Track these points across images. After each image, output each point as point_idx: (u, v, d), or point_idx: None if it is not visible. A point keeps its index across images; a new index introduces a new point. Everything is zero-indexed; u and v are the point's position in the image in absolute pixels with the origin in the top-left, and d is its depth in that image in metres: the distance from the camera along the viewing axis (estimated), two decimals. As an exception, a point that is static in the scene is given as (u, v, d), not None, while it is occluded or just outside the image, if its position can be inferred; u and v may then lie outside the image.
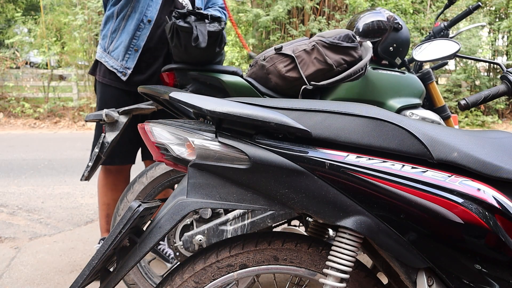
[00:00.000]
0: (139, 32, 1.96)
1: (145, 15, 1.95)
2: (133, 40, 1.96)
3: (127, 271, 0.90)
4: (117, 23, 1.99)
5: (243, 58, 9.32)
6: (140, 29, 1.96)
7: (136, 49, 1.96)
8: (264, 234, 0.99)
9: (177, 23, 1.56)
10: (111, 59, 2.00)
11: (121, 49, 1.97)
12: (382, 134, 0.89)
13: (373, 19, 1.86)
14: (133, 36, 1.96)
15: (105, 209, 2.18)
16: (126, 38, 1.96)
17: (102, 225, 2.20)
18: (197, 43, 1.55)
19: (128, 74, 1.97)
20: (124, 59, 1.97)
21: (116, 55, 1.99)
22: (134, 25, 1.95)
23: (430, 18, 8.85)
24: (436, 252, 0.88)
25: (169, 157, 0.95)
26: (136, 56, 1.96)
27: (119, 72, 1.98)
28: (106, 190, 2.16)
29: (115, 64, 1.99)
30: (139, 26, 1.95)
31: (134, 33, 1.95)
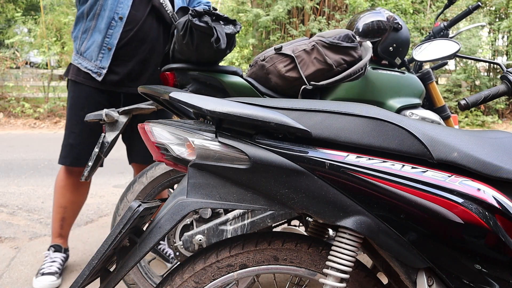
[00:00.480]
0: (111, 30, 1.90)
1: (116, 13, 1.90)
2: (106, 38, 1.91)
3: (127, 271, 0.90)
4: (88, 23, 1.94)
5: (243, 58, 9.32)
6: (112, 27, 1.90)
7: (109, 47, 1.91)
8: (264, 234, 0.99)
9: (193, 21, 1.55)
10: (84, 60, 1.95)
11: (94, 49, 1.92)
12: (382, 134, 0.89)
13: (373, 19, 1.86)
14: (105, 34, 1.91)
15: (61, 212, 2.10)
16: (98, 37, 1.91)
17: (55, 229, 2.13)
18: (218, 44, 1.54)
19: (103, 74, 1.93)
20: (98, 59, 1.92)
21: (89, 55, 1.94)
22: (105, 23, 1.90)
23: (430, 18, 8.86)
24: (436, 252, 0.88)
25: (169, 157, 0.95)
26: (110, 54, 1.91)
27: (93, 72, 1.93)
28: (64, 191, 2.08)
29: (89, 65, 1.94)
30: (110, 24, 1.90)
31: (106, 31, 1.90)
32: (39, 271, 2.04)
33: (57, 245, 2.14)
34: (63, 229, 2.14)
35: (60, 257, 2.10)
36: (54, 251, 2.12)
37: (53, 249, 2.12)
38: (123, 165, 3.33)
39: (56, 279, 2.03)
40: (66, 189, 2.07)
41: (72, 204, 2.11)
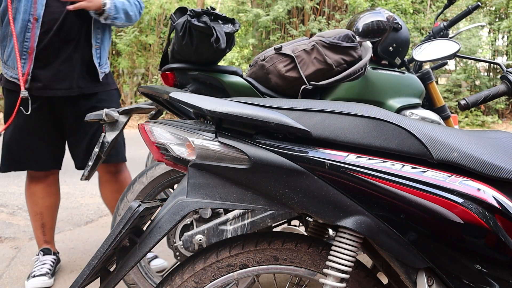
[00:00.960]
0: (28, 33, 1.81)
1: (31, 14, 1.80)
2: (24, 42, 1.82)
3: (127, 271, 0.90)
4: (4, 28, 1.84)
5: (243, 58, 9.32)
6: (28, 29, 1.81)
7: (29, 51, 1.82)
8: (264, 234, 0.99)
9: (192, 21, 1.54)
10: (9, 69, 1.86)
11: (13, 55, 1.82)
12: (382, 134, 0.89)
13: (372, 19, 1.86)
14: (23, 38, 1.81)
15: (39, 219, 2.05)
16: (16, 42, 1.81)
17: (38, 237, 2.08)
18: (218, 44, 1.53)
19: (28, 80, 1.83)
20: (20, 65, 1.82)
21: (11, 63, 1.84)
22: (21, 27, 1.81)
23: (430, 18, 8.86)
24: (436, 252, 0.88)
25: (169, 157, 0.95)
26: (31, 58, 1.82)
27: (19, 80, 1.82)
28: (36, 199, 2.02)
29: (13, 73, 1.85)
30: (27, 27, 1.81)
31: (24, 35, 1.81)
32: (30, 275, 2.00)
33: (46, 248, 2.11)
34: (46, 235, 2.09)
35: (50, 259, 2.07)
36: (43, 255, 2.09)
37: (42, 253, 2.09)
38: (123, 165, 3.34)
39: (48, 279, 2.00)
40: (36, 196, 2.02)
41: (47, 208, 2.05)
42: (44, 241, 2.07)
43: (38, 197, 2.02)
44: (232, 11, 9.98)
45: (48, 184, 2.05)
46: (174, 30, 1.60)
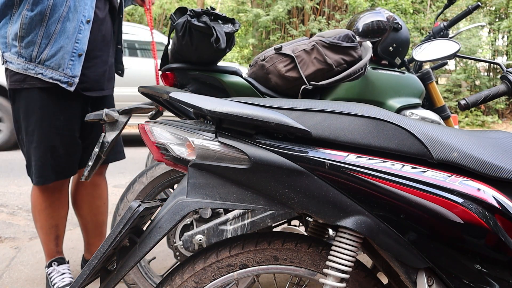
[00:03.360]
0: (80, 35, 1.74)
1: (83, 15, 1.74)
2: (75, 44, 1.73)
3: (127, 271, 0.90)
4: (50, 26, 1.70)
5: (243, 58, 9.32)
6: (80, 31, 1.74)
7: (80, 53, 1.75)
8: (264, 234, 0.99)
9: (192, 21, 1.53)
10: (48, 69, 1.71)
11: (62, 56, 1.71)
12: (382, 134, 0.89)
13: (372, 19, 1.86)
14: (74, 40, 1.73)
15: (54, 231, 1.92)
16: (66, 43, 1.71)
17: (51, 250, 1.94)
18: (218, 44, 1.52)
19: (75, 83, 1.74)
20: (67, 66, 1.72)
21: (56, 63, 1.71)
22: (73, 27, 1.72)
23: (430, 18, 8.86)
24: (436, 252, 0.88)
25: (169, 157, 0.95)
26: (80, 61, 1.75)
27: (62, 82, 1.72)
28: (51, 211, 1.88)
29: (56, 74, 1.72)
30: (79, 28, 1.74)
31: (75, 35, 1.73)
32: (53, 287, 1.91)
33: (60, 258, 1.99)
34: (59, 245, 1.98)
35: (66, 268, 1.98)
36: (58, 265, 1.97)
37: (56, 263, 1.97)
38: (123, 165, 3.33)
39: None
40: (52, 208, 1.88)
41: (62, 219, 1.94)
42: (56, 252, 1.96)
43: (54, 209, 1.89)
44: (232, 11, 9.99)
45: (65, 193, 1.93)
46: (174, 30, 1.60)
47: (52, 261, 1.95)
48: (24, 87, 1.74)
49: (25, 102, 1.76)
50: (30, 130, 1.77)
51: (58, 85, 1.72)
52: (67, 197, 1.94)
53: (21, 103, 1.77)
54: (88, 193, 2.04)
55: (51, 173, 1.79)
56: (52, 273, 1.94)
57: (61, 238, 1.97)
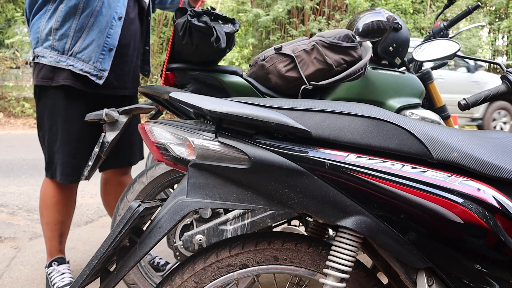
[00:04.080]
0: (111, 30, 1.77)
1: (116, 11, 1.77)
2: (107, 38, 1.77)
3: (127, 271, 0.90)
4: (84, 19, 1.73)
5: (243, 58, 9.33)
6: (112, 26, 1.77)
7: (110, 48, 1.78)
8: (264, 234, 0.99)
9: (192, 21, 1.53)
10: (79, 61, 1.74)
11: (93, 49, 1.74)
12: (382, 134, 0.89)
13: (372, 19, 1.86)
14: (106, 34, 1.76)
15: (59, 228, 1.93)
16: (99, 36, 1.74)
17: (54, 247, 1.95)
18: (218, 44, 1.52)
19: (105, 76, 1.77)
20: (98, 60, 1.75)
21: (87, 56, 1.74)
22: (106, 22, 1.75)
23: (430, 18, 8.86)
24: (436, 252, 0.88)
25: (169, 157, 0.95)
26: (111, 56, 1.78)
27: (92, 75, 1.75)
28: (59, 207, 1.90)
29: (86, 67, 1.74)
30: (111, 23, 1.77)
31: (107, 31, 1.76)
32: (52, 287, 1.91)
33: (60, 257, 2.00)
34: (62, 243, 1.99)
35: (66, 267, 1.98)
36: (58, 264, 1.97)
37: (56, 263, 1.97)
38: (123, 165, 3.34)
39: None
40: (60, 204, 1.91)
41: (69, 216, 1.97)
42: (59, 251, 1.96)
43: (63, 205, 1.91)
44: (232, 11, 9.99)
45: (75, 191, 1.96)
46: (174, 29, 1.60)
47: (52, 260, 1.95)
48: (51, 85, 1.76)
49: (51, 101, 1.79)
50: (54, 130, 1.80)
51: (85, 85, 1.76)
52: (75, 195, 1.98)
53: (47, 102, 1.80)
54: (118, 193, 2.06)
55: (73, 173, 1.82)
56: (52, 273, 1.94)
57: (65, 236, 1.99)
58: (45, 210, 1.91)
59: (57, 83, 1.75)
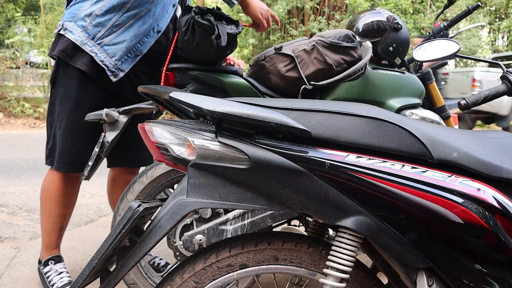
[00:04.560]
0: (146, 39, 1.80)
1: (157, 24, 1.81)
2: (138, 44, 1.79)
3: (127, 271, 0.90)
4: (125, 18, 1.74)
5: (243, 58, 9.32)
6: (148, 36, 1.80)
7: (137, 54, 1.79)
8: (264, 234, 0.99)
9: (196, 18, 1.53)
10: (103, 53, 1.74)
11: (121, 48, 1.76)
12: (382, 134, 0.89)
13: (373, 19, 1.86)
14: (140, 40, 1.78)
15: (61, 221, 1.92)
16: (131, 39, 1.77)
17: (53, 241, 1.93)
18: (218, 41, 1.52)
19: (120, 76, 1.77)
20: (120, 59, 1.77)
21: (112, 51, 1.75)
22: (144, 30, 1.78)
23: (430, 18, 8.86)
24: (436, 252, 0.88)
25: (169, 157, 0.95)
26: (134, 61, 1.80)
27: (109, 70, 1.75)
28: (64, 199, 1.89)
29: (107, 60, 1.75)
30: (148, 33, 1.80)
31: (142, 37, 1.78)
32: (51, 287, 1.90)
33: (57, 256, 1.98)
34: (61, 238, 1.98)
35: (63, 266, 1.97)
36: (55, 263, 1.96)
37: (53, 261, 1.96)
38: (123, 165, 3.34)
39: None
40: (65, 197, 1.90)
41: (71, 209, 1.96)
42: (56, 246, 1.95)
43: (67, 197, 1.91)
44: (232, 11, 9.99)
45: (79, 184, 1.95)
46: (178, 26, 1.60)
47: (48, 259, 1.94)
48: (68, 62, 1.76)
49: (63, 89, 1.80)
50: (60, 117, 1.80)
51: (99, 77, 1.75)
52: (79, 188, 1.98)
53: (59, 89, 1.81)
54: None
55: (71, 162, 1.82)
56: (50, 272, 1.92)
57: (64, 231, 1.98)
58: (48, 203, 1.89)
59: (74, 63, 1.75)
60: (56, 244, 1.95)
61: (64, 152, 1.82)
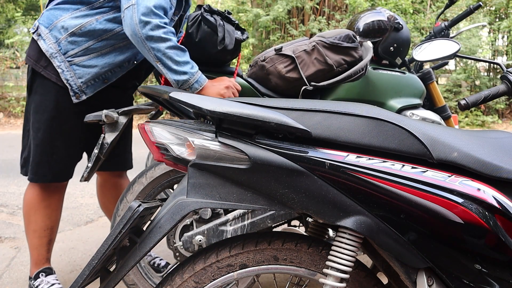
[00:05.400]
0: (119, 69, 1.73)
1: (135, 57, 1.75)
2: (109, 72, 1.71)
3: (127, 271, 0.90)
4: (102, 45, 1.68)
5: (243, 58, 9.32)
6: (122, 67, 1.73)
7: (106, 81, 1.72)
8: (264, 234, 0.99)
9: (204, 15, 1.53)
10: (70, 72, 1.66)
11: (90, 72, 1.67)
12: (382, 134, 0.89)
13: (373, 18, 1.86)
14: (112, 69, 1.71)
15: (48, 234, 1.82)
16: (103, 66, 1.69)
17: (42, 256, 1.83)
18: (223, 43, 1.52)
19: (82, 99, 1.69)
20: (87, 83, 1.68)
21: (81, 73, 1.67)
22: (120, 60, 1.71)
23: (430, 18, 8.86)
24: (436, 252, 0.88)
25: (169, 157, 0.95)
26: (102, 87, 1.72)
27: (72, 90, 1.67)
28: (50, 211, 1.80)
29: (73, 80, 1.67)
30: (123, 64, 1.73)
31: (115, 67, 1.72)
32: None
33: (48, 268, 1.87)
34: (50, 252, 1.87)
35: (54, 278, 1.87)
36: (46, 275, 1.85)
37: (44, 274, 1.85)
38: (123, 165, 3.34)
39: None
40: (51, 208, 1.80)
41: (57, 221, 1.86)
42: (46, 260, 1.85)
43: (52, 209, 1.82)
44: (232, 11, 9.98)
45: (63, 195, 1.88)
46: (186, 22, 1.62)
47: (39, 272, 1.84)
48: (41, 72, 1.68)
49: (39, 98, 1.71)
50: (36, 128, 1.72)
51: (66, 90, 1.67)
52: (63, 200, 1.90)
53: (35, 97, 1.73)
54: (113, 195, 2.03)
55: (48, 172, 1.74)
56: (41, 285, 1.83)
57: (53, 243, 1.89)
58: (33, 216, 1.80)
59: (49, 76, 1.68)
60: (46, 259, 1.86)
61: (42, 163, 1.73)
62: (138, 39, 1.47)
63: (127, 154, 2.04)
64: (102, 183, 2.09)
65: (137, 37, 1.47)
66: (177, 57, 1.48)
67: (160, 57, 1.47)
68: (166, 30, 1.47)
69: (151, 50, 1.47)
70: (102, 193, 2.11)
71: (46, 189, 1.79)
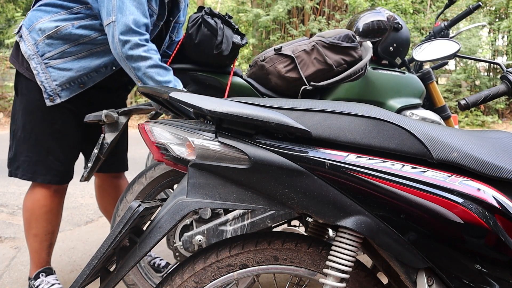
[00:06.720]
0: (95, 73, 1.69)
1: (113, 63, 1.69)
2: (85, 76, 1.67)
3: (127, 271, 0.90)
4: (79, 49, 1.65)
5: (243, 58, 9.33)
6: (98, 72, 1.69)
7: (82, 85, 1.68)
8: (264, 234, 0.99)
9: (205, 17, 1.53)
10: (46, 74, 1.63)
11: (64, 75, 1.65)
12: (382, 134, 0.89)
13: (373, 18, 1.86)
14: (87, 73, 1.67)
15: (49, 238, 1.81)
16: (78, 70, 1.66)
17: (43, 259, 1.82)
18: (220, 47, 1.52)
19: (57, 102, 1.65)
20: (61, 85, 1.65)
21: (55, 76, 1.64)
22: (96, 65, 1.67)
23: (430, 18, 8.86)
24: (436, 252, 0.88)
25: (169, 157, 0.95)
26: (78, 91, 1.68)
27: (46, 93, 1.64)
28: (51, 216, 1.79)
29: (47, 83, 1.64)
30: (99, 69, 1.69)
31: (90, 71, 1.68)
32: None
33: (48, 268, 1.86)
34: (50, 255, 1.86)
35: (54, 278, 1.86)
36: (46, 275, 1.84)
37: (44, 274, 1.84)
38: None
39: None
40: (52, 213, 1.79)
41: (58, 225, 1.85)
42: (46, 262, 1.84)
43: (53, 214, 1.80)
44: (232, 11, 9.99)
45: (63, 198, 1.86)
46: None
47: (39, 272, 1.83)
48: (23, 73, 1.67)
49: (27, 98, 1.70)
50: (28, 128, 1.70)
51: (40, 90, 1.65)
52: (63, 204, 1.88)
53: (23, 98, 1.71)
54: (112, 196, 2.03)
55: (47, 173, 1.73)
56: (41, 285, 1.82)
57: (53, 246, 1.88)
58: (35, 222, 1.78)
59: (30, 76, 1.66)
60: (46, 261, 1.85)
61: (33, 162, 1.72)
62: (120, 58, 1.49)
63: (123, 154, 2.04)
64: (101, 185, 2.08)
65: (119, 56, 1.49)
66: (158, 76, 1.48)
67: (141, 77, 1.48)
68: (147, 48, 1.47)
69: (132, 70, 1.49)
70: (100, 194, 2.10)
71: (47, 194, 1.77)
